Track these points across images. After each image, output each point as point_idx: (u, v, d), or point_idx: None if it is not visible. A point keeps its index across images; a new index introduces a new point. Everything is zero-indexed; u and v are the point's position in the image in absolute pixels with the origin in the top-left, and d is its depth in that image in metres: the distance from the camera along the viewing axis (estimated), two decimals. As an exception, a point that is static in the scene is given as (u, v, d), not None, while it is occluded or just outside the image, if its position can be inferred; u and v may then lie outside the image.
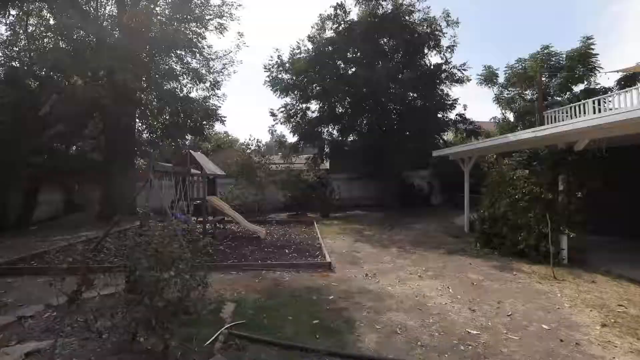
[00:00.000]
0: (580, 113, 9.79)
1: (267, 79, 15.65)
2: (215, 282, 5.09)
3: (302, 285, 5.01)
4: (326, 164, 18.82)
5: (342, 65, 14.86)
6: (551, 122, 10.56)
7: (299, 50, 15.37)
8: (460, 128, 14.63)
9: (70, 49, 9.54)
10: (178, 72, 12.20)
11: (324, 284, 5.06)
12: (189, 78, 12.51)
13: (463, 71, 13.25)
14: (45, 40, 11.63)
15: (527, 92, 16.76)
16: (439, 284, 5.00)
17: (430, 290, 4.72)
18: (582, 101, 10.11)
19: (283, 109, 16.42)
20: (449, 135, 16.47)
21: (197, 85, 13.76)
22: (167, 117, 12.33)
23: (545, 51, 16.23)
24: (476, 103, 36.22)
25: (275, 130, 16.66)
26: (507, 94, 18.46)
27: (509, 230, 6.53)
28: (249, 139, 14.87)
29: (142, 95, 12.73)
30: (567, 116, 10.60)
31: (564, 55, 16.58)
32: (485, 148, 7.97)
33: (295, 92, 15.88)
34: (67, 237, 10.20)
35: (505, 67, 17.84)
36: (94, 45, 10.12)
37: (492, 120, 18.90)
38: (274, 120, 16.75)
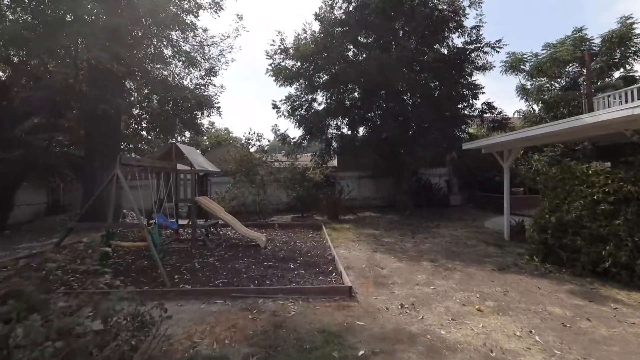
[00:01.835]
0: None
1: (269, 67, 14.14)
2: (192, 320, 3.60)
3: (314, 325, 3.48)
4: (334, 161, 17.29)
5: (353, 50, 13.30)
6: (604, 109, 8.90)
7: (304, 35, 13.85)
8: (487, 119, 12.97)
9: (36, 23, 8.09)
10: (168, 57, 10.71)
11: (346, 323, 3.53)
12: (181, 62, 11.01)
13: (498, 49, 11.56)
14: (19, 19, 10.19)
15: (559, 80, 15.08)
16: (514, 325, 3.44)
17: (507, 338, 3.17)
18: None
19: (287, 101, 14.92)
20: (470, 128, 14.79)
21: (191, 72, 12.28)
22: (156, 106, 10.85)
23: (577, 35, 14.54)
24: (493, 98, 34.31)
25: (279, 129, 15.07)
26: (532, 85, 16.82)
27: (585, 241, 4.94)
28: (249, 133, 13.31)
29: (127, 82, 11.28)
30: (622, 101, 8.96)
31: (596, 42, 14.96)
32: (540, 136, 6.30)
33: (300, 82, 14.36)
34: (37, 245, 8.80)
35: (529, 54, 16.23)
36: (69, 22, 8.68)
37: (515, 115, 17.25)
38: (276, 113, 15.26)
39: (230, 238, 8.98)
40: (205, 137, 27.15)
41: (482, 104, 12.90)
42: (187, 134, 27.18)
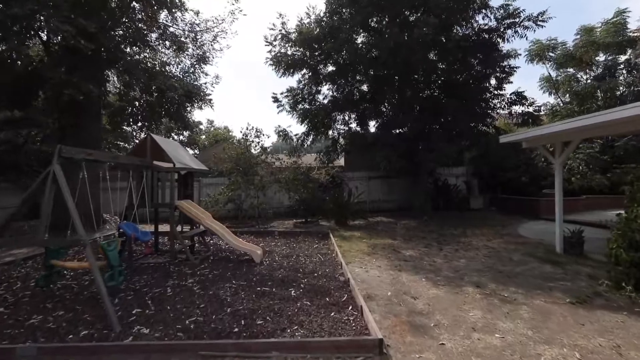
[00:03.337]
0: None
1: (269, 55, 12.75)
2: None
3: None
4: (340, 161, 15.84)
5: (364, 35, 11.84)
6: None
7: (308, 21, 12.46)
8: (516, 112, 11.40)
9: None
10: (152, 40, 9.33)
11: None
12: (167, 48, 9.63)
13: (541, 23, 9.92)
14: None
15: (593, 69, 13.51)
16: None
17: None
18: None
19: (288, 94, 13.53)
20: (496, 122, 13.20)
21: (181, 61, 10.90)
22: (139, 95, 9.46)
23: (619, 18, 12.95)
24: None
25: (284, 129, 13.68)
26: (558, 75, 15.28)
27: None
28: (247, 129, 11.90)
29: (110, 72, 9.91)
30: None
31: (631, 26, 13.41)
32: (624, 120, 4.67)
33: (304, 72, 12.97)
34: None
35: (552, 41, 14.65)
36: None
37: (542, 108, 15.70)
38: (277, 107, 13.89)
39: (220, 250, 7.54)
40: (203, 137, 25.92)
41: (510, 94, 11.36)
42: (186, 132, 26.07)
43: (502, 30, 9.88)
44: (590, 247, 6.42)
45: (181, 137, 25.47)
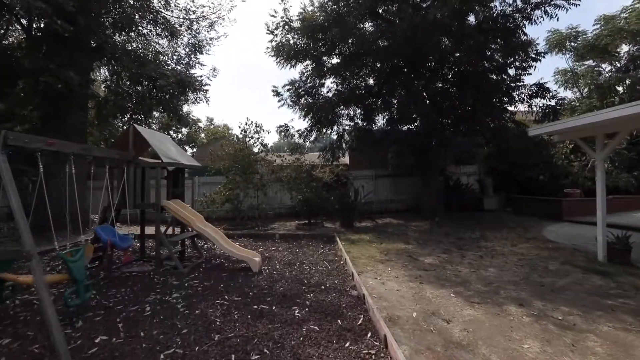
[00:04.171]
0: None
1: (270, 45, 11.95)
2: None
3: None
4: (345, 158, 15.03)
5: (372, 24, 11.03)
6: None
7: (312, 8, 11.66)
8: (537, 105, 10.53)
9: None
10: (140, 23, 8.53)
11: None
12: (158, 32, 8.84)
13: (574, 1, 8.99)
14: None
15: (616, 60, 12.64)
16: None
17: None
18: None
19: (290, 86, 12.73)
20: (515, 116, 12.27)
21: (176, 50, 10.10)
22: (127, 85, 8.68)
23: (638, 5, 12.07)
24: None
25: (285, 126, 12.92)
26: (575, 68, 14.42)
27: None
28: (246, 123, 11.12)
29: (100, 62, 9.11)
30: None
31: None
32: None
33: (307, 63, 12.18)
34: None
35: (573, 30, 13.76)
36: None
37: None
38: (278, 102, 13.08)
39: (215, 255, 6.75)
40: (202, 135, 25.20)
41: (531, 86, 10.48)
42: (184, 130, 25.32)
43: (529, 10, 8.96)
44: (637, 255, 5.61)
45: (179, 135, 24.76)
